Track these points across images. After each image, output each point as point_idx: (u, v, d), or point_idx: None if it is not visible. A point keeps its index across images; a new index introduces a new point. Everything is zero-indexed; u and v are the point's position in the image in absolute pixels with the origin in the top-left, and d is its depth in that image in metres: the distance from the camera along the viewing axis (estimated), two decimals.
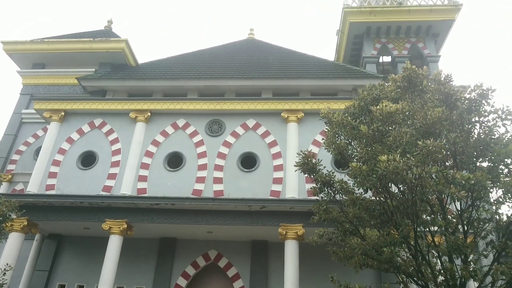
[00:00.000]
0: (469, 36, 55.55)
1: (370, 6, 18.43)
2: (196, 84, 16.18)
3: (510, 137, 7.17)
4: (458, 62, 52.01)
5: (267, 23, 60.61)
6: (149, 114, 14.11)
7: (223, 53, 19.25)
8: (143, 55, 53.89)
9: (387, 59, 19.49)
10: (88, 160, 13.77)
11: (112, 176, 13.26)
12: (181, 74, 16.59)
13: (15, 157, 16.14)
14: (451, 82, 7.91)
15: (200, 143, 13.65)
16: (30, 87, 17.66)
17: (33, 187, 13.09)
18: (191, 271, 12.99)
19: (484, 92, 7.35)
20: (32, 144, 16.39)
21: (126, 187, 12.93)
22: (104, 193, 12.89)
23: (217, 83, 16.11)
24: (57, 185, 13.25)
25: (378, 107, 7.71)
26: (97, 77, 16.49)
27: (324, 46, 57.47)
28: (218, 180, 12.95)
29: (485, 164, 7.55)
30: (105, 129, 14.20)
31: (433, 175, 6.89)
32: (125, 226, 11.94)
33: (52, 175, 13.42)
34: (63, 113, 14.32)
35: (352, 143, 8.65)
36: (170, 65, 17.81)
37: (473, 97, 7.42)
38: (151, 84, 16.31)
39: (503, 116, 7.23)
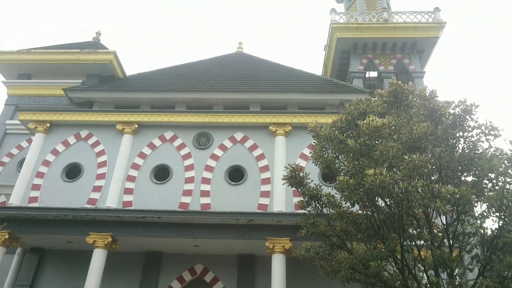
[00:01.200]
0: (454, 52, 56.83)
1: (357, 22, 18.76)
2: (184, 97, 16.16)
3: (494, 152, 7.30)
4: (443, 77, 53.08)
5: (256, 37, 61.18)
6: (136, 126, 14.02)
7: (212, 66, 19.32)
8: (132, 67, 53.81)
9: (373, 74, 19.80)
10: (73, 172, 13.57)
11: (97, 189, 13.07)
12: (169, 87, 16.56)
13: None
14: (436, 98, 8.05)
15: (187, 156, 13.58)
16: (15, 98, 17.42)
17: (15, 199, 12.82)
18: (176, 285, 12.77)
19: (468, 107, 7.49)
20: (16, 155, 16.10)
21: (111, 200, 12.75)
22: (88, 206, 12.68)
23: (205, 95, 16.13)
24: (40, 197, 13.00)
25: (365, 121, 7.80)
26: (84, 88, 16.36)
27: (312, 61, 58.17)
28: (205, 193, 12.87)
29: (469, 179, 7.66)
30: (91, 141, 14.04)
31: (419, 189, 6.96)
32: (110, 239, 11.73)
33: (36, 187, 13.17)
34: (48, 124, 14.13)
35: (340, 157, 8.70)
36: (158, 78, 17.78)
37: (457, 113, 7.55)
38: (139, 96, 16.24)
39: (486, 132, 7.37)
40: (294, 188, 9.24)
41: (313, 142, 9.40)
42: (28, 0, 57.95)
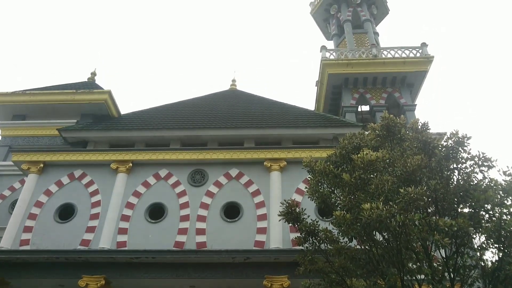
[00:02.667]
0: (444, 83, 58.09)
1: (347, 58, 19.25)
2: (179, 134, 16.20)
3: (488, 183, 7.33)
4: (434, 107, 54.01)
5: (249, 73, 62.36)
6: (131, 164, 13.97)
7: (206, 103, 19.53)
8: (126, 105, 54.31)
9: (365, 108, 20.09)
10: (66, 213, 13.36)
11: (90, 229, 12.83)
12: (163, 124, 16.64)
13: None
14: (428, 130, 8.16)
15: (182, 194, 13.47)
16: (9, 139, 17.38)
17: (6, 242, 12.52)
18: None
19: (460, 139, 7.58)
20: (8, 197, 15.87)
21: (105, 241, 12.49)
22: (81, 248, 12.40)
23: (199, 133, 16.19)
24: (32, 240, 12.71)
25: (359, 155, 7.85)
26: (78, 128, 16.39)
27: (304, 96, 59.10)
28: (200, 231, 12.67)
29: (466, 210, 7.64)
30: (85, 180, 13.92)
31: (417, 222, 6.92)
32: (103, 282, 11.40)
33: (28, 229, 12.91)
34: (42, 165, 14.05)
35: (335, 191, 8.68)
36: (152, 116, 17.89)
37: (450, 145, 7.64)
38: (133, 135, 16.27)
39: (480, 163, 7.44)
40: (290, 224, 9.15)
41: (309, 177, 9.38)
42: (25, 41, 59.08)
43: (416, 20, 64.88)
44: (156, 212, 13.27)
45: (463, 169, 7.59)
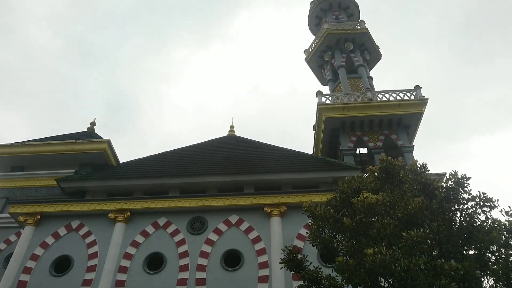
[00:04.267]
0: (439, 122, 58.73)
1: (343, 102, 19.57)
2: (177, 182, 16.13)
3: (492, 224, 7.22)
4: (432, 147, 54.25)
5: (247, 119, 63.19)
6: (129, 213, 13.80)
7: (204, 150, 19.62)
8: (125, 152, 54.49)
9: (363, 150, 20.17)
10: (62, 265, 13.01)
11: (87, 283, 12.43)
12: (162, 172, 16.62)
13: None
14: (427, 171, 8.15)
15: (181, 242, 13.20)
16: (7, 190, 17.25)
17: None
18: None
19: (460, 180, 7.56)
20: (3, 250, 15.48)
21: None
22: None
23: (198, 179, 16.13)
24: None
25: (359, 198, 7.78)
26: (76, 178, 16.33)
27: (302, 139, 59.53)
28: (200, 282, 12.28)
29: (471, 252, 7.47)
30: (82, 231, 13.68)
31: (422, 266, 6.73)
32: None
33: (22, 284, 12.51)
34: (39, 216, 13.86)
35: (337, 236, 8.51)
36: (151, 164, 17.91)
37: (450, 186, 7.60)
38: (132, 183, 16.19)
39: (481, 203, 7.37)
40: (293, 272, 8.89)
41: (309, 222, 9.24)
42: (29, 91, 60.24)
43: (410, 62, 66.78)
44: (155, 262, 12.94)
45: (465, 210, 7.52)
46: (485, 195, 7.38)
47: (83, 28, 65.84)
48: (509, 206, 7.29)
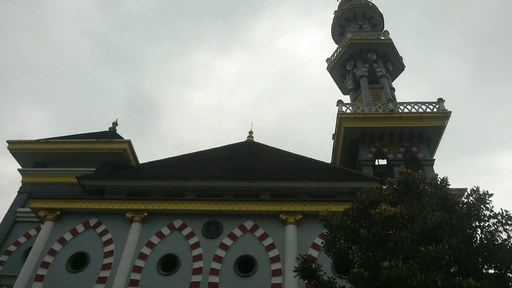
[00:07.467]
0: (463, 135, 57.55)
1: (364, 113, 19.40)
2: (195, 185, 16.25)
3: None
4: (453, 162, 53.16)
5: (266, 125, 63.25)
6: (146, 214, 13.95)
7: (222, 155, 19.71)
8: (143, 154, 55.24)
9: (382, 162, 19.91)
10: (78, 262, 13.22)
11: (102, 280, 12.60)
12: (179, 175, 16.76)
13: (3, 258, 15.50)
14: (447, 186, 8.00)
15: (196, 245, 13.26)
16: (29, 185, 17.68)
17: None
18: None
19: (482, 196, 7.39)
20: (23, 244, 15.86)
21: None
22: None
23: (215, 184, 16.21)
24: None
25: (377, 210, 7.67)
26: (97, 176, 16.63)
27: (320, 148, 59.16)
28: (213, 286, 12.30)
29: (491, 271, 7.27)
30: (100, 229, 13.90)
31: (439, 283, 6.58)
32: None
33: (39, 278, 12.76)
34: (58, 212, 14.15)
35: (353, 247, 8.40)
36: (169, 166, 18.09)
37: (471, 202, 7.44)
38: (150, 184, 16.39)
39: (503, 221, 7.18)
40: (306, 281, 8.81)
41: (325, 232, 9.16)
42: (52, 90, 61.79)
43: (433, 74, 65.80)
44: (169, 263, 13.02)
45: (486, 227, 7.33)
46: (507, 213, 7.19)
47: (108, 28, 67.44)
48: None
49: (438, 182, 8.05)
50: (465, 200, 7.59)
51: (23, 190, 17.59)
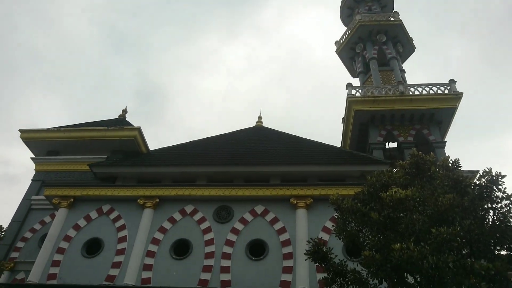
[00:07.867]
0: (474, 118, 56.80)
1: (373, 95, 19.20)
2: (205, 170, 16.35)
3: None
4: (465, 142, 52.61)
5: (275, 110, 63.06)
6: (158, 200, 14.11)
7: (232, 140, 19.75)
8: (153, 141, 55.58)
9: (393, 145, 19.76)
10: (93, 247, 13.48)
11: (116, 265, 12.86)
12: (190, 161, 16.86)
13: (19, 244, 15.85)
14: (459, 168, 7.94)
15: (207, 230, 13.41)
16: (43, 174, 17.94)
17: (34, 276, 12.67)
18: None
19: (494, 178, 7.33)
20: (38, 231, 16.19)
21: (130, 277, 12.45)
22: (106, 283, 12.40)
23: (225, 169, 16.28)
24: (59, 274, 12.83)
25: (387, 193, 7.66)
26: (108, 163, 16.81)
27: (330, 132, 58.89)
28: (225, 269, 12.47)
29: (503, 253, 7.26)
30: (113, 215, 14.11)
31: (450, 265, 6.59)
32: None
33: (56, 263, 13.06)
34: (72, 200, 14.38)
35: (363, 230, 8.43)
36: (179, 152, 18.19)
37: (483, 183, 7.39)
38: (161, 171, 16.53)
39: None
40: (317, 264, 8.89)
41: (336, 215, 9.19)
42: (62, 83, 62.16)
43: (445, 56, 64.71)
44: (181, 248, 13.21)
45: (499, 209, 7.29)
46: None
47: (115, 16, 67.20)
48: None
49: (450, 164, 8.00)
50: (477, 182, 7.54)
51: (36, 178, 17.87)
